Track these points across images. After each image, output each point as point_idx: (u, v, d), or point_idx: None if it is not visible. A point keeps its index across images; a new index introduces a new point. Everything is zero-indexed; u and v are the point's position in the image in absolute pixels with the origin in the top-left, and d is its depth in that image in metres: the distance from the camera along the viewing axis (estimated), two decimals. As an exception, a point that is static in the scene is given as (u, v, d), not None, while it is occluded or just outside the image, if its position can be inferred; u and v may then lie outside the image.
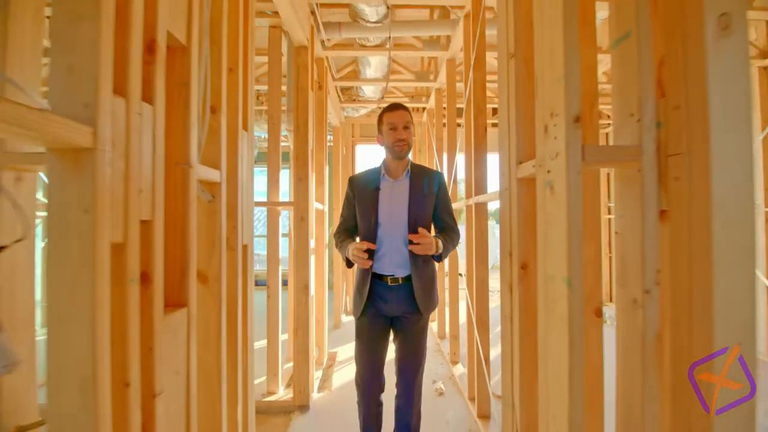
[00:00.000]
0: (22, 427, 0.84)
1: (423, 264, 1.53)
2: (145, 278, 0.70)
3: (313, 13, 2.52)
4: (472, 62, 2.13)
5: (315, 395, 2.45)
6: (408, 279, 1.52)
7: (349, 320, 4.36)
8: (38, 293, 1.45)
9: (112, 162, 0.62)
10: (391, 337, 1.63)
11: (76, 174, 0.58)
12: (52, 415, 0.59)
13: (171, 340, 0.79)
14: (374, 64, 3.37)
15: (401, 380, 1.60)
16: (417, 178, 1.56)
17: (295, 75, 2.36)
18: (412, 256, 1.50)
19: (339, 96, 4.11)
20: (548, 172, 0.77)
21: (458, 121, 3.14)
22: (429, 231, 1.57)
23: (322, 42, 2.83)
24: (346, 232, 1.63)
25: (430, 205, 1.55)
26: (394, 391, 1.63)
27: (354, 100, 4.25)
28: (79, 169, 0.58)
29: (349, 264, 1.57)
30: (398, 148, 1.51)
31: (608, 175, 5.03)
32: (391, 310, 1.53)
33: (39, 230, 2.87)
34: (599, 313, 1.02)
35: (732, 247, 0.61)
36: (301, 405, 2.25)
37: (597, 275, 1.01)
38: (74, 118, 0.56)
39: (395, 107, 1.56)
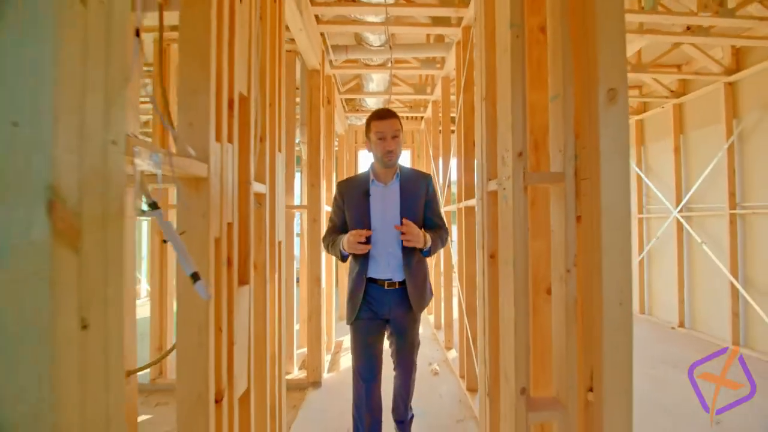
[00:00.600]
0: (132, 371, 1.17)
1: (416, 265, 1.56)
2: (229, 262, 1.04)
3: (322, 34, 2.86)
4: (462, 85, 2.47)
5: (326, 375, 2.78)
6: (403, 282, 1.54)
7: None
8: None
9: (215, 185, 0.95)
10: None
11: (197, 194, 0.91)
12: (180, 347, 0.92)
13: (240, 306, 1.13)
14: (376, 79, 3.71)
15: (399, 368, 1.66)
16: (407, 182, 1.57)
17: (308, 94, 2.69)
18: (405, 258, 1.52)
19: (344, 106, 4.45)
20: (504, 189, 1.10)
21: (452, 128, 3.48)
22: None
23: (330, 62, 3.16)
24: (336, 234, 1.62)
25: (421, 208, 1.58)
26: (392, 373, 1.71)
27: (357, 110, 4.59)
28: (199, 190, 0.91)
29: (344, 258, 1.57)
30: (387, 158, 1.50)
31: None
32: (388, 313, 1.55)
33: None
34: (549, 292, 1.36)
35: (613, 240, 0.94)
36: (314, 382, 2.58)
37: (548, 263, 1.35)
38: (196, 158, 0.90)
39: (384, 115, 1.52)
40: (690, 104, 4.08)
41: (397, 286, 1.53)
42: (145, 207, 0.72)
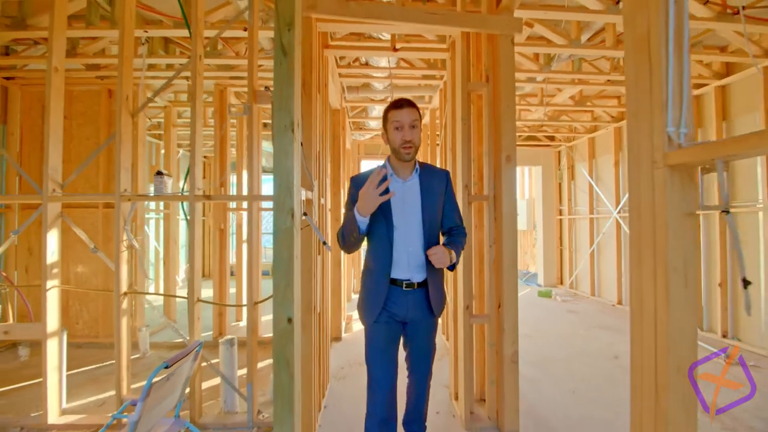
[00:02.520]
0: (258, 301, 2.11)
1: (436, 267, 1.47)
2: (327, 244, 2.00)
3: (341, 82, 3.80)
4: (443, 123, 3.44)
5: (344, 334, 3.75)
6: (423, 283, 1.46)
7: (356, 296, 5.68)
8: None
9: (314, 202, 1.91)
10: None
11: (308, 207, 1.87)
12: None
13: (317, 267, 2.09)
14: (378, 108, 4.67)
15: (413, 375, 1.57)
16: (426, 178, 1.49)
17: (333, 127, 3.64)
18: (428, 260, 1.44)
19: (350, 126, 5.40)
20: (461, 204, 2.08)
21: (437, 141, 4.46)
22: (438, 231, 1.54)
23: (344, 98, 4.11)
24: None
25: (441, 205, 1.51)
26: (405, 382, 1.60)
27: (361, 128, 5.55)
28: (309, 205, 1.87)
29: (361, 231, 1.40)
30: (405, 150, 1.41)
31: (559, 184, 6.42)
32: (405, 316, 1.47)
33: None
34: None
35: (507, 230, 1.93)
36: (336, 337, 3.55)
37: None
38: (310, 189, 1.86)
39: (402, 104, 1.41)
40: (625, 128, 5.13)
41: (416, 287, 1.45)
42: (303, 215, 1.68)
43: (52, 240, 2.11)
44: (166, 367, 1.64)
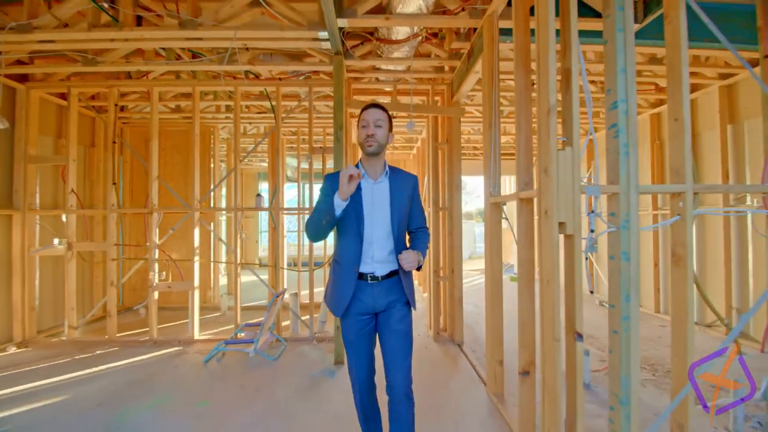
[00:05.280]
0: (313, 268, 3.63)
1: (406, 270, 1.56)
2: (349, 233, 3.52)
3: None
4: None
5: (359, 301, 5.29)
6: (387, 276, 1.56)
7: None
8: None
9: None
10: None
11: (344, 214, 3.40)
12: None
13: (349, 248, 3.61)
14: (383, 136, 6.20)
15: (391, 393, 1.53)
16: (395, 180, 1.61)
17: (351, 153, 5.17)
18: (398, 251, 1.56)
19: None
20: (432, 211, 3.59)
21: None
22: (405, 230, 1.66)
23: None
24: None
25: (408, 206, 1.62)
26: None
27: (370, 149, 7.11)
28: (345, 213, 3.40)
29: (335, 216, 1.50)
30: (367, 144, 1.51)
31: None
32: (373, 305, 1.56)
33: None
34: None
35: (456, 226, 3.43)
36: (354, 302, 5.08)
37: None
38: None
39: (369, 106, 1.55)
40: (575, 149, 6.61)
41: (380, 280, 1.56)
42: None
43: (196, 233, 3.65)
44: (277, 297, 3.19)
